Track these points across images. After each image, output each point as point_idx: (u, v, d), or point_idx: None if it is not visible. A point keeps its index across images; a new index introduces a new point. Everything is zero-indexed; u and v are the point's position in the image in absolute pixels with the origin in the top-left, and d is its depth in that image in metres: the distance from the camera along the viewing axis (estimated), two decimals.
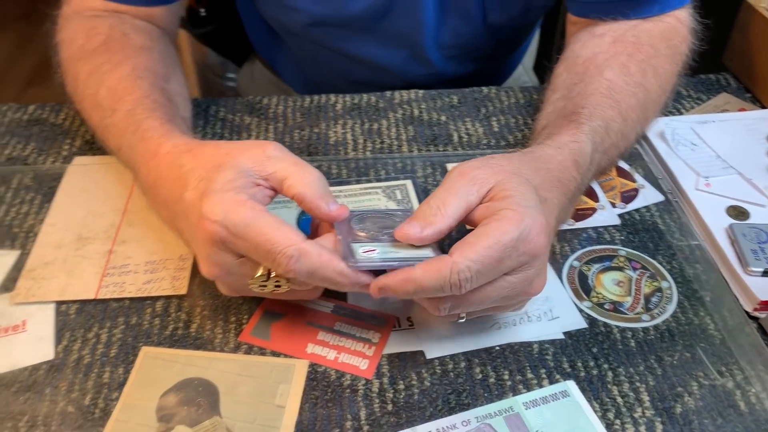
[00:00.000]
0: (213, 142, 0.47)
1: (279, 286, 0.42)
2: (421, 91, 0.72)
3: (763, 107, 0.69)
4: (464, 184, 0.43)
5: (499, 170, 0.44)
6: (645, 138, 0.64)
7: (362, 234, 0.44)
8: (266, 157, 0.44)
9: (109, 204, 0.57)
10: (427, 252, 0.42)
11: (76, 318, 0.49)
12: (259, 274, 0.41)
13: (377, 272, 0.41)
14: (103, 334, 0.48)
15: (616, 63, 0.56)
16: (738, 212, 0.55)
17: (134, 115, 0.52)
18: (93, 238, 0.54)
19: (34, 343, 0.47)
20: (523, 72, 0.92)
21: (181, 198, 0.44)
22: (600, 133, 0.52)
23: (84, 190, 0.59)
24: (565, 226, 0.56)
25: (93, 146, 0.64)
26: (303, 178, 0.43)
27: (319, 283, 0.41)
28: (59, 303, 0.50)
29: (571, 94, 0.55)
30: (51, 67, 0.62)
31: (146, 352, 0.46)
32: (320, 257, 0.40)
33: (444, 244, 0.43)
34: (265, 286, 0.42)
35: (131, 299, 0.50)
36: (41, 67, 2.33)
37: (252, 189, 0.42)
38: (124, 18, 0.62)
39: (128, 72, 0.56)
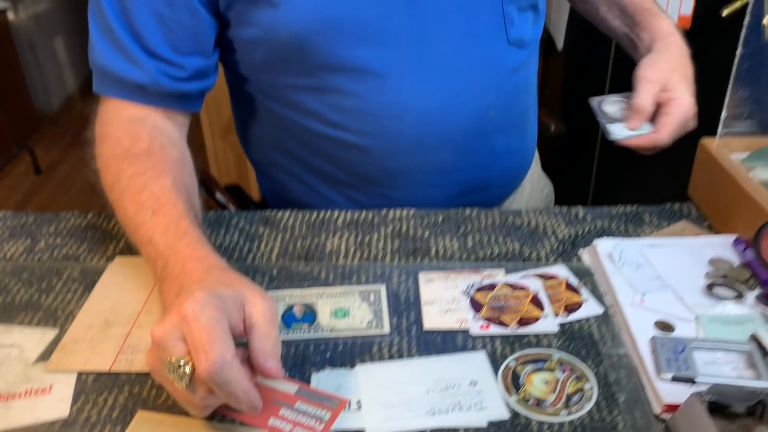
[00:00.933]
0: (237, 275, 0.59)
1: (181, 379, 0.50)
2: (412, 210, 0.84)
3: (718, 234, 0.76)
4: (651, 86, 0.80)
5: (666, 70, 0.81)
6: (596, 257, 0.72)
7: (613, 117, 0.84)
8: (260, 305, 0.54)
9: (134, 295, 0.70)
10: (646, 127, 0.81)
11: (92, 385, 0.60)
12: (176, 359, 0.50)
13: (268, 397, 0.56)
14: (110, 399, 0.59)
15: None
16: (664, 326, 0.62)
17: (180, 222, 0.65)
18: (116, 322, 0.67)
19: (55, 403, 0.58)
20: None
21: (188, 283, 0.57)
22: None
23: (117, 284, 0.72)
24: (509, 332, 0.64)
25: (132, 249, 0.77)
26: (264, 333, 0.53)
27: (225, 396, 0.50)
28: (81, 373, 0.61)
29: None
30: None
31: (141, 415, 0.57)
32: (239, 373, 0.50)
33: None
34: (173, 371, 0.50)
35: (137, 373, 0.61)
36: None
37: (233, 311, 0.53)
38: (159, 127, 0.76)
39: (170, 184, 0.69)
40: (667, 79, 0.80)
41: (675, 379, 0.56)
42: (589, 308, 0.66)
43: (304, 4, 0.74)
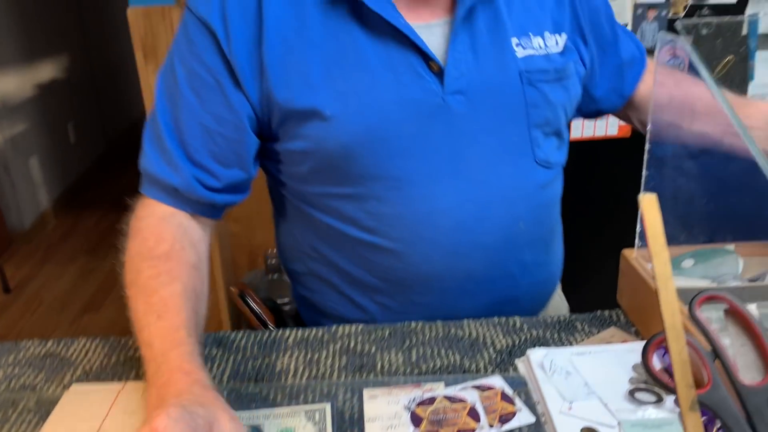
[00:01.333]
0: (214, 393, 0.63)
1: None
2: (361, 325, 0.88)
3: (644, 339, 0.82)
4: None
5: None
6: (529, 367, 0.76)
7: None
8: (227, 427, 0.58)
9: (87, 424, 0.72)
10: None
11: None
12: None
13: None
14: None
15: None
16: (589, 431, 0.66)
17: (178, 332, 0.70)
18: None
19: None
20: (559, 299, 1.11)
21: (169, 396, 0.61)
22: None
23: (71, 413, 0.74)
24: None
25: (89, 376, 0.80)
26: None
27: None
28: None
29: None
30: (107, 296, 0.82)
31: None
32: None
33: None
34: None
35: None
36: (98, 295, 2.62)
37: (201, 430, 0.57)
38: (184, 227, 0.83)
39: (179, 291, 0.75)
40: None
41: None
42: (522, 417, 0.70)
43: (352, 117, 0.82)
